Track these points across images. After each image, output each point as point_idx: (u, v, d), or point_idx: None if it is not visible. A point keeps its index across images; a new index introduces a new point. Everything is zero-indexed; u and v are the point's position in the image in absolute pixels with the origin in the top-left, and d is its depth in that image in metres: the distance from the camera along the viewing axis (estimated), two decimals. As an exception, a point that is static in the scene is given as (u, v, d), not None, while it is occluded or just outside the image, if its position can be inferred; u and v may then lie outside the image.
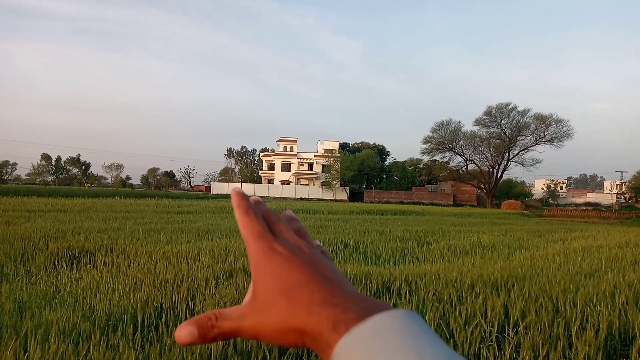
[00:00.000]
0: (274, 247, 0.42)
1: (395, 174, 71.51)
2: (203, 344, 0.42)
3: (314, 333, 0.37)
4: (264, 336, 0.40)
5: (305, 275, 0.40)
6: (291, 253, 0.42)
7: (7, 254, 6.37)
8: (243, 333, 0.41)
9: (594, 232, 15.80)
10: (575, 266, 6.83)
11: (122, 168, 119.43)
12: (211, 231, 10.35)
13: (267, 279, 0.41)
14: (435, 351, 0.31)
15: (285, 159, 71.27)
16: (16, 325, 3.28)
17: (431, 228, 14.81)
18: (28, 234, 7.87)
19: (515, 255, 8.54)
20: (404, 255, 8.28)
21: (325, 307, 0.37)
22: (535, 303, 4.01)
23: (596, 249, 9.52)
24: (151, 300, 4.05)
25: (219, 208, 22.24)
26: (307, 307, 0.38)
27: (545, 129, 52.88)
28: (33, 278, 5.21)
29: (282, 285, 0.40)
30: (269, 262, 0.42)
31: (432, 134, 58.38)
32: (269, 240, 0.43)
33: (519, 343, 3.28)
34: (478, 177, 58.03)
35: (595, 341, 3.20)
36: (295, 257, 0.42)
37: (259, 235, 0.43)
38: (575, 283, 5.02)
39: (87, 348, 2.80)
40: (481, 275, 5.15)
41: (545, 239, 12.84)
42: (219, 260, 5.88)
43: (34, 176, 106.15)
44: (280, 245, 0.43)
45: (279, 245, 0.43)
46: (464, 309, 3.74)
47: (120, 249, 6.87)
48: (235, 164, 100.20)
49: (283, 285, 0.40)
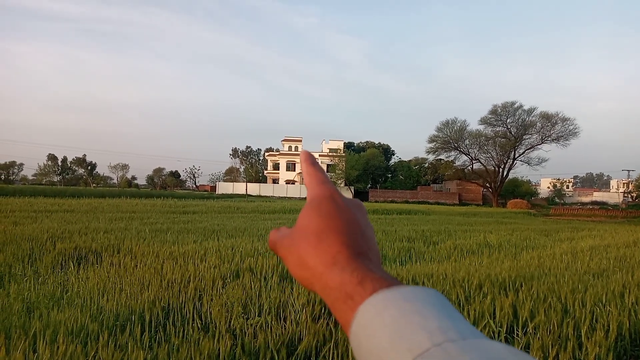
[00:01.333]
0: (333, 194, 0.45)
1: (400, 173, 71.43)
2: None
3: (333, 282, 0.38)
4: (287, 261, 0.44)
5: (346, 228, 0.42)
6: (345, 205, 0.45)
7: (14, 254, 6.40)
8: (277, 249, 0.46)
9: (601, 231, 15.70)
10: (583, 266, 6.78)
11: (128, 168, 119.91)
12: (217, 231, 10.36)
13: (312, 214, 0.44)
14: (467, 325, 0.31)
15: (290, 159, 71.31)
16: (25, 326, 3.29)
17: (437, 227, 14.77)
18: (35, 235, 7.91)
19: (522, 254, 8.49)
20: (411, 255, 8.25)
21: (351, 262, 0.39)
22: (544, 303, 3.98)
23: (604, 248, 9.45)
24: (158, 300, 4.05)
25: (225, 208, 22.28)
26: (333, 255, 0.40)
27: (551, 127, 52.61)
28: (41, 278, 5.23)
29: (321, 225, 0.42)
30: (321, 201, 0.44)
31: (437, 133, 58.26)
32: (332, 188, 0.46)
33: (528, 344, 3.26)
34: (484, 176, 57.81)
35: (605, 342, 3.18)
36: (347, 209, 0.44)
37: (323, 181, 0.47)
38: (584, 283, 4.98)
39: (95, 349, 2.81)
40: (489, 275, 5.12)
41: (552, 238, 12.77)
42: (226, 261, 5.88)
43: (40, 176, 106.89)
44: (339, 196, 0.45)
45: (338, 195, 0.45)
46: (472, 310, 3.71)
47: (127, 249, 6.89)
48: (240, 163, 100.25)
49: (322, 226, 0.42)
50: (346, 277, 0.37)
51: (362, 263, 0.39)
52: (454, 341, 0.29)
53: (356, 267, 0.38)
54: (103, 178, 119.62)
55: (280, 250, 0.45)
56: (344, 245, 0.40)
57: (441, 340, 0.29)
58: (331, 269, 0.39)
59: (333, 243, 0.40)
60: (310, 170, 0.48)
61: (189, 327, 3.44)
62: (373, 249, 0.43)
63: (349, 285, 0.36)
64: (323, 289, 0.39)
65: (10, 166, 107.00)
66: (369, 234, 0.44)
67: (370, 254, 0.41)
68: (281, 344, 3.12)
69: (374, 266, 0.39)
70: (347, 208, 0.44)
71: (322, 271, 0.39)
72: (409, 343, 0.29)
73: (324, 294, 0.39)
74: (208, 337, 3.10)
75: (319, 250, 0.40)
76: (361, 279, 0.36)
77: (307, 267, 0.41)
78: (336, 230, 0.41)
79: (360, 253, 0.40)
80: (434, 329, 0.30)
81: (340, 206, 0.44)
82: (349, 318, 0.35)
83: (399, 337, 0.30)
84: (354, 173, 60.58)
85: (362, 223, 0.44)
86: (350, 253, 0.40)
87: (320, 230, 0.42)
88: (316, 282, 0.40)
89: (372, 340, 0.32)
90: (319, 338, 3.16)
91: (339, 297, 0.37)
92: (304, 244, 0.42)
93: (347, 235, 0.41)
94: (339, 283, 0.37)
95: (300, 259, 0.42)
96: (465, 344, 0.28)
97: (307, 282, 0.41)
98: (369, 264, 0.39)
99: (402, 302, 0.33)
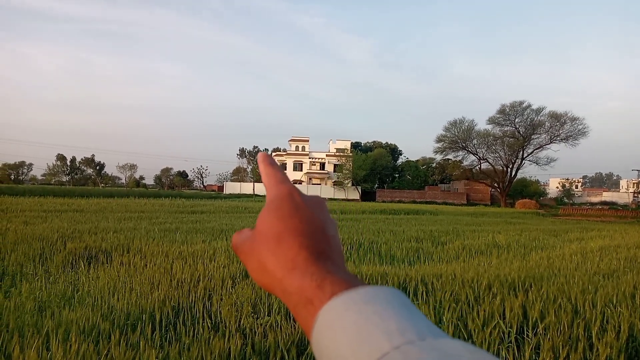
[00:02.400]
0: (292, 193, 0.44)
1: (407, 173, 71.24)
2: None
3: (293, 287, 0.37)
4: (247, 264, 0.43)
5: (305, 228, 0.41)
6: (304, 203, 0.44)
7: (25, 253, 6.45)
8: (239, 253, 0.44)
9: (611, 232, 15.57)
10: (593, 266, 6.73)
11: (136, 168, 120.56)
12: (225, 231, 10.40)
13: (272, 216, 0.42)
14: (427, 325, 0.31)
15: (297, 159, 71.36)
16: (37, 324, 3.32)
17: (445, 228, 14.72)
18: (46, 234, 7.97)
19: (531, 255, 8.45)
20: (419, 255, 8.24)
21: (310, 264, 0.38)
22: (554, 304, 3.96)
23: (614, 248, 9.38)
24: (168, 300, 4.07)
25: (232, 208, 22.35)
26: (292, 258, 0.39)
27: (560, 127, 52.27)
28: (52, 277, 5.27)
29: (280, 227, 0.41)
30: (281, 201, 0.43)
31: (445, 133, 58.10)
32: (291, 187, 0.45)
33: (539, 344, 3.25)
34: (492, 176, 57.54)
35: (616, 343, 3.16)
36: (305, 207, 0.43)
37: (282, 180, 0.46)
38: (594, 283, 4.95)
39: (107, 347, 2.83)
40: (498, 276, 5.10)
41: (562, 238, 12.69)
42: (235, 260, 5.90)
43: (49, 176, 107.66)
44: (299, 195, 0.44)
45: (297, 194, 0.44)
46: (482, 310, 3.70)
47: (136, 249, 6.93)
48: (247, 163, 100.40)
49: (281, 228, 0.41)
50: (306, 281, 0.36)
51: (322, 265, 0.38)
52: (412, 342, 0.29)
53: (315, 269, 0.37)
54: (111, 178, 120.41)
55: (241, 254, 0.44)
56: (303, 247, 0.39)
57: (400, 343, 0.29)
58: (290, 272, 0.38)
59: (292, 246, 0.39)
60: (268, 170, 0.47)
61: (199, 326, 3.46)
62: (335, 247, 0.42)
63: (309, 289, 0.36)
64: (283, 294, 0.38)
65: (20, 166, 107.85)
66: (331, 231, 0.43)
67: (332, 253, 0.41)
68: (291, 344, 3.13)
69: (335, 267, 0.38)
70: (306, 207, 0.43)
71: (282, 276, 0.38)
72: (368, 347, 0.29)
73: (285, 299, 0.38)
74: (218, 336, 3.12)
75: (278, 254, 0.39)
76: (320, 282, 0.36)
77: (267, 272, 0.40)
78: (295, 232, 0.40)
79: (321, 253, 0.39)
80: (393, 331, 0.30)
81: (299, 205, 0.43)
82: (310, 323, 0.34)
83: (359, 342, 0.30)
84: (361, 173, 60.50)
85: (322, 221, 0.43)
86: (309, 255, 0.39)
87: (279, 233, 0.41)
88: (277, 287, 0.39)
89: (332, 345, 0.31)
90: (329, 338, 3.17)
91: (300, 302, 0.36)
92: (263, 248, 0.41)
93: (306, 237, 0.40)
94: (299, 288, 0.37)
95: (260, 264, 0.41)
96: (423, 345, 0.28)
97: (269, 288, 0.40)
98: (330, 265, 0.38)
99: (361, 304, 0.32)
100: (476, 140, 57.21)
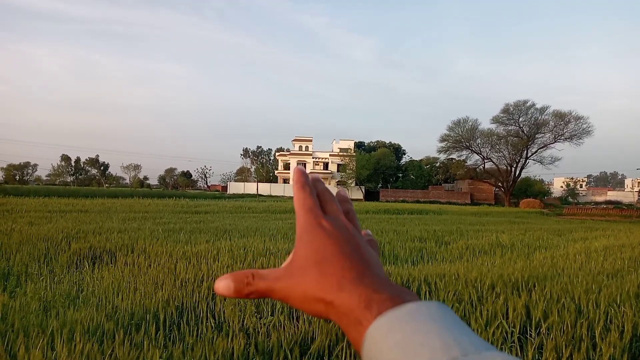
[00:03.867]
0: (320, 221, 0.45)
1: (411, 172, 71.12)
2: (237, 298, 0.45)
3: (343, 308, 0.38)
4: (292, 300, 0.43)
5: (342, 252, 0.42)
6: (335, 229, 0.44)
7: (30, 254, 6.49)
8: (275, 294, 0.43)
9: (615, 231, 15.52)
10: (597, 266, 6.71)
11: (140, 168, 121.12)
12: (229, 231, 10.42)
13: (307, 248, 0.43)
14: (471, 338, 0.32)
15: (300, 159, 71.37)
16: (42, 324, 3.34)
17: (449, 227, 14.71)
18: (50, 234, 8.02)
19: (535, 254, 8.43)
20: (422, 255, 8.23)
21: (357, 285, 0.39)
22: (557, 303, 3.96)
23: (618, 248, 9.34)
24: (172, 299, 4.09)
25: (236, 208, 22.38)
26: (337, 281, 0.40)
27: (564, 126, 52.06)
28: (56, 278, 5.30)
29: (318, 256, 0.42)
30: (312, 234, 0.44)
31: (448, 132, 57.98)
32: (318, 215, 0.45)
33: (542, 344, 3.25)
34: (496, 176, 57.39)
35: (620, 343, 3.15)
36: (338, 233, 0.44)
37: (310, 209, 0.46)
38: (598, 283, 4.94)
39: (112, 347, 2.85)
40: (501, 276, 5.09)
41: (566, 238, 12.65)
42: (238, 260, 5.92)
43: (54, 177, 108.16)
44: (327, 222, 0.45)
45: (326, 221, 0.45)
46: (485, 310, 3.70)
47: (140, 249, 6.95)
48: (251, 163, 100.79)
49: (319, 257, 0.42)
50: (354, 302, 0.38)
51: (367, 285, 0.39)
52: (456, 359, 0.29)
53: (362, 290, 0.38)
54: (115, 178, 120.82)
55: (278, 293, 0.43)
56: (346, 269, 0.40)
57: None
58: (338, 295, 0.39)
59: (336, 271, 0.41)
60: (299, 195, 0.47)
61: (202, 326, 3.47)
62: (374, 262, 0.43)
63: (357, 310, 0.37)
64: (337, 316, 0.39)
65: (25, 167, 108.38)
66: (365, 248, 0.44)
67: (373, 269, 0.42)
68: (294, 343, 3.14)
69: (380, 284, 0.39)
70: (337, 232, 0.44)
71: (332, 299, 0.39)
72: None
73: (338, 321, 0.39)
74: (222, 336, 3.13)
75: (323, 282, 0.41)
76: (367, 303, 0.37)
77: (316, 300, 0.41)
78: (333, 257, 0.41)
79: (364, 273, 0.41)
80: (437, 349, 0.30)
81: (330, 232, 0.44)
82: (360, 344, 0.36)
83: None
84: (365, 173, 60.48)
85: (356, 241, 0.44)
86: (353, 276, 0.40)
87: (318, 262, 0.42)
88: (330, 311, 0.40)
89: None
90: (332, 337, 3.18)
91: (350, 323, 0.38)
92: (306, 279, 0.42)
93: (346, 260, 0.41)
94: (348, 309, 0.38)
95: (305, 295, 0.41)
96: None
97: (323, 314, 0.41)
98: (375, 284, 0.39)
99: (405, 322, 0.33)
100: (480, 140, 57.09)
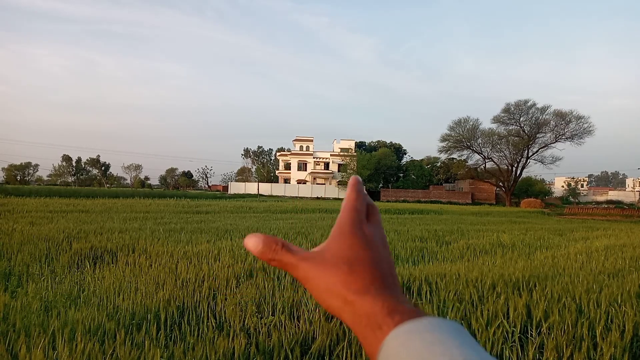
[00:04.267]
0: (362, 226, 0.46)
1: (412, 172, 71.04)
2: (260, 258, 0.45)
3: (364, 311, 0.40)
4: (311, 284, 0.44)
5: (375, 260, 0.44)
6: (374, 238, 0.46)
7: (32, 254, 6.50)
8: (296, 271, 0.44)
9: (616, 231, 15.50)
10: (598, 266, 6.71)
11: (141, 169, 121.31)
12: (230, 231, 10.42)
13: (343, 245, 0.44)
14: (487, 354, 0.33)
15: (301, 159, 71.39)
16: (43, 324, 3.35)
17: (450, 227, 14.69)
18: (52, 235, 8.03)
19: (536, 254, 8.42)
20: (423, 255, 8.22)
21: (382, 293, 0.41)
22: (558, 303, 3.96)
23: (619, 248, 9.34)
24: (173, 299, 4.09)
25: (237, 208, 22.39)
26: (365, 284, 0.42)
27: (565, 125, 52.00)
28: (57, 278, 5.30)
29: (352, 255, 0.44)
30: (352, 233, 0.45)
31: (449, 132, 57.95)
32: (362, 220, 0.47)
33: (542, 344, 3.24)
34: (496, 175, 57.33)
35: (620, 342, 3.15)
36: (375, 242, 0.46)
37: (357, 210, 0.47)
38: (599, 283, 4.93)
39: (113, 347, 2.85)
40: (502, 275, 5.09)
41: (567, 237, 12.64)
42: (239, 260, 5.92)
43: (55, 177, 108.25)
44: (369, 229, 0.46)
45: (367, 228, 0.46)
46: (486, 310, 3.70)
47: (141, 249, 6.96)
48: (252, 163, 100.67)
49: (353, 256, 0.43)
50: (377, 307, 0.39)
51: (392, 295, 0.41)
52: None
53: (387, 298, 0.40)
54: (117, 178, 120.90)
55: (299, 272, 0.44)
56: (376, 276, 0.42)
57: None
58: (363, 297, 0.41)
59: (366, 274, 0.42)
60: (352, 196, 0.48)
61: (203, 326, 3.48)
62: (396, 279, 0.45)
63: (380, 315, 0.39)
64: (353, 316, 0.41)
65: (26, 167, 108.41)
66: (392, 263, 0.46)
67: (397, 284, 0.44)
68: (295, 343, 3.14)
69: (402, 297, 0.42)
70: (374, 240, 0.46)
71: (354, 300, 0.41)
72: None
73: (353, 321, 0.41)
74: (223, 335, 3.13)
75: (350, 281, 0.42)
76: (391, 311, 0.39)
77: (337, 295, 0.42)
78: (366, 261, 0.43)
79: (390, 286, 0.43)
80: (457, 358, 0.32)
81: (369, 240, 0.45)
82: (376, 348, 0.37)
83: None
84: (366, 173, 60.46)
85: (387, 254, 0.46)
86: (381, 285, 0.42)
87: (352, 260, 0.43)
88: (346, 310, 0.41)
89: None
90: (333, 337, 3.18)
91: (368, 326, 0.39)
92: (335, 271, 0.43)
93: (377, 268, 0.43)
94: (370, 312, 0.39)
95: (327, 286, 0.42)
96: None
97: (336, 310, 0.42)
98: (398, 297, 0.41)
99: (425, 333, 0.35)
100: (481, 140, 57.05)
